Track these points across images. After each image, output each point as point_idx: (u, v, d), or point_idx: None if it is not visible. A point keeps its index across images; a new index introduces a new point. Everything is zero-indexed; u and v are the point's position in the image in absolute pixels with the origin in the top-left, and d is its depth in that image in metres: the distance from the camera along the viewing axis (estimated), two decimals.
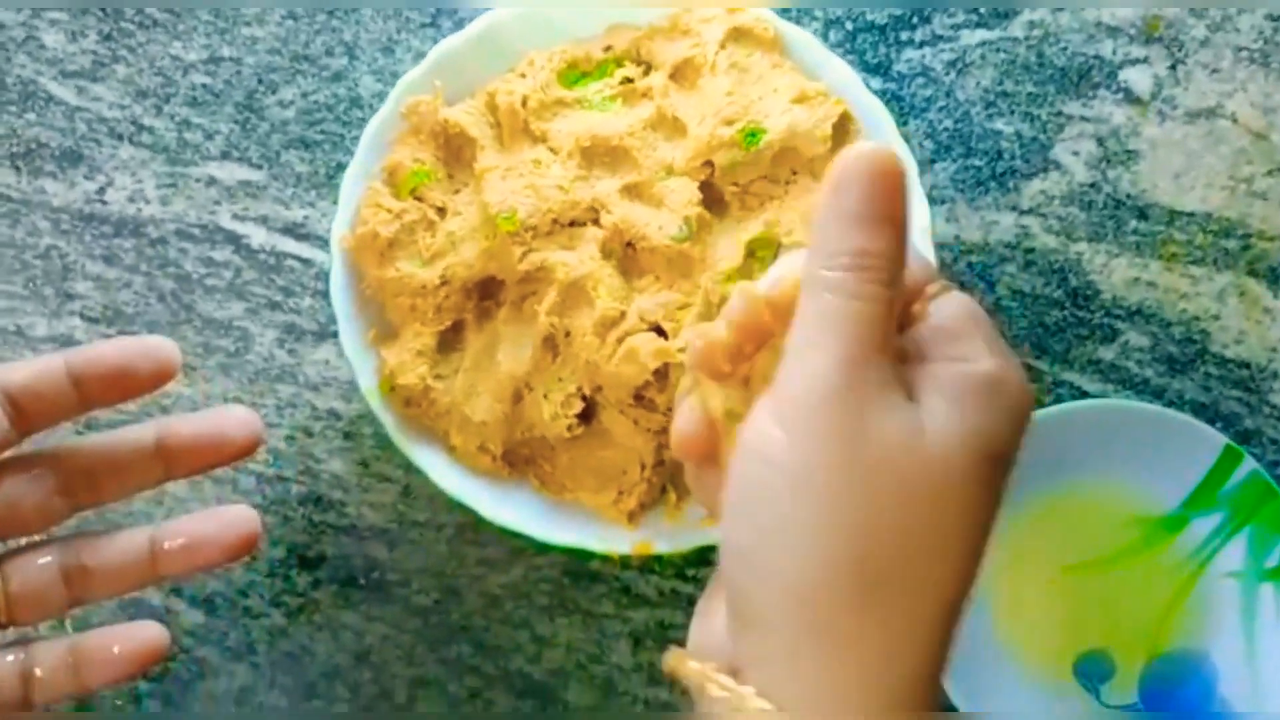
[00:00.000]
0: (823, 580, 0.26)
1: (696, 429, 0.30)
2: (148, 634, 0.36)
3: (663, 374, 0.37)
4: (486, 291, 0.40)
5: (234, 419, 0.37)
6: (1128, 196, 0.46)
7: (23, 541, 0.36)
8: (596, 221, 0.38)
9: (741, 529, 0.27)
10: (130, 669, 0.36)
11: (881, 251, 0.27)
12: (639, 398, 0.38)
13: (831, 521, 0.26)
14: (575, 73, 0.41)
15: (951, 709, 0.42)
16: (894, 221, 0.28)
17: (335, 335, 0.45)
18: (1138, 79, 0.47)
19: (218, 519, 0.37)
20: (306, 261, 0.46)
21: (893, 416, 0.27)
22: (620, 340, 0.37)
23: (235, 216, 0.46)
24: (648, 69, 0.41)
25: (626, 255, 0.39)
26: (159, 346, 0.36)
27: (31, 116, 0.47)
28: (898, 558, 0.26)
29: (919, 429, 0.27)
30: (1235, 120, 0.46)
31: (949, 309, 0.29)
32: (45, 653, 0.35)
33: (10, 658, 0.35)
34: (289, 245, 0.46)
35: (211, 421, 0.37)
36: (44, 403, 0.35)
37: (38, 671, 0.35)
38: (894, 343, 0.28)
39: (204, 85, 0.47)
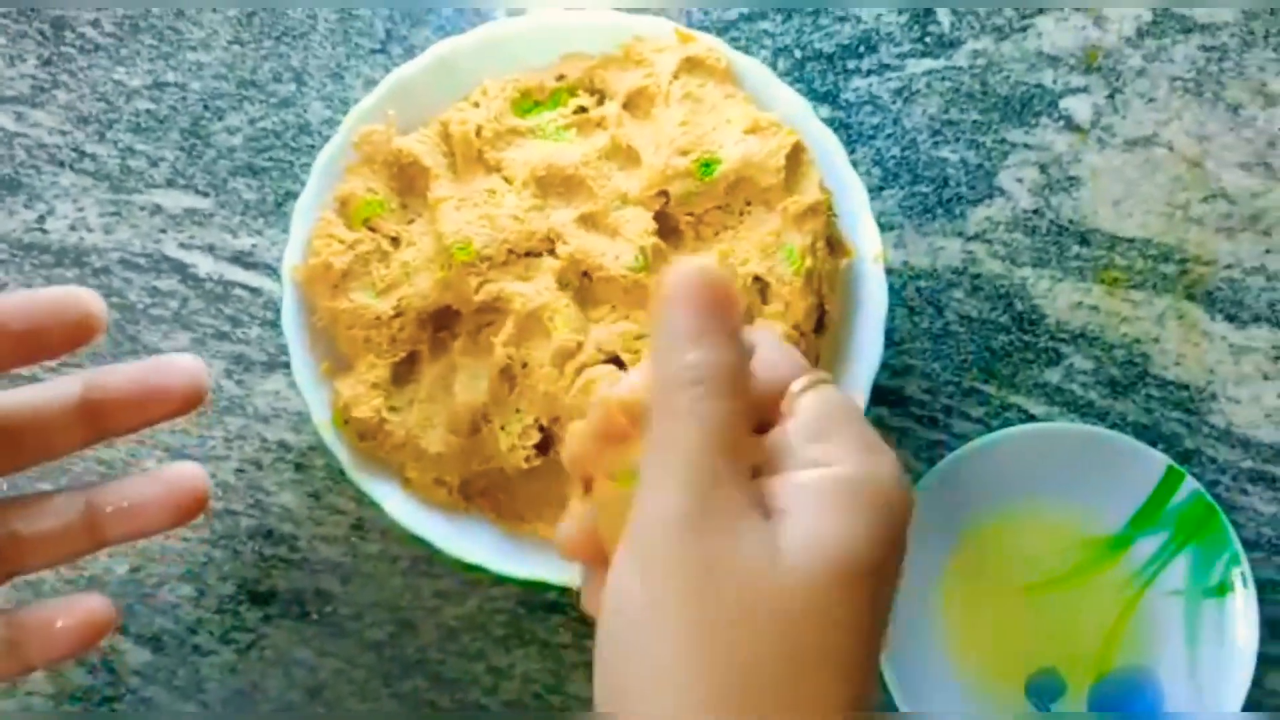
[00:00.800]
0: None
1: (580, 533, 0.29)
2: (90, 605, 0.33)
3: None
4: (441, 322, 0.40)
5: (173, 367, 0.33)
6: (1070, 222, 0.47)
7: None
8: (552, 252, 0.38)
9: (612, 679, 0.26)
10: (74, 645, 0.33)
11: (717, 363, 0.26)
12: None
13: (698, 663, 0.24)
14: (528, 101, 0.41)
15: None
16: (727, 332, 0.27)
17: (285, 366, 0.45)
18: (1078, 107, 0.48)
19: (162, 479, 0.33)
20: (255, 290, 0.45)
21: (746, 540, 0.25)
22: (578, 371, 0.37)
23: (181, 245, 0.46)
24: (601, 98, 0.41)
25: (583, 285, 0.39)
26: (79, 297, 0.32)
27: None
28: (774, 685, 0.24)
29: (775, 549, 0.25)
30: (1171, 148, 0.48)
31: (812, 407, 0.28)
32: None
33: None
34: (237, 274, 0.45)
35: (147, 370, 0.33)
36: None
37: None
38: (749, 455, 0.27)
39: (148, 111, 0.46)
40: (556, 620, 0.44)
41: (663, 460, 0.26)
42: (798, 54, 0.47)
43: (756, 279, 0.38)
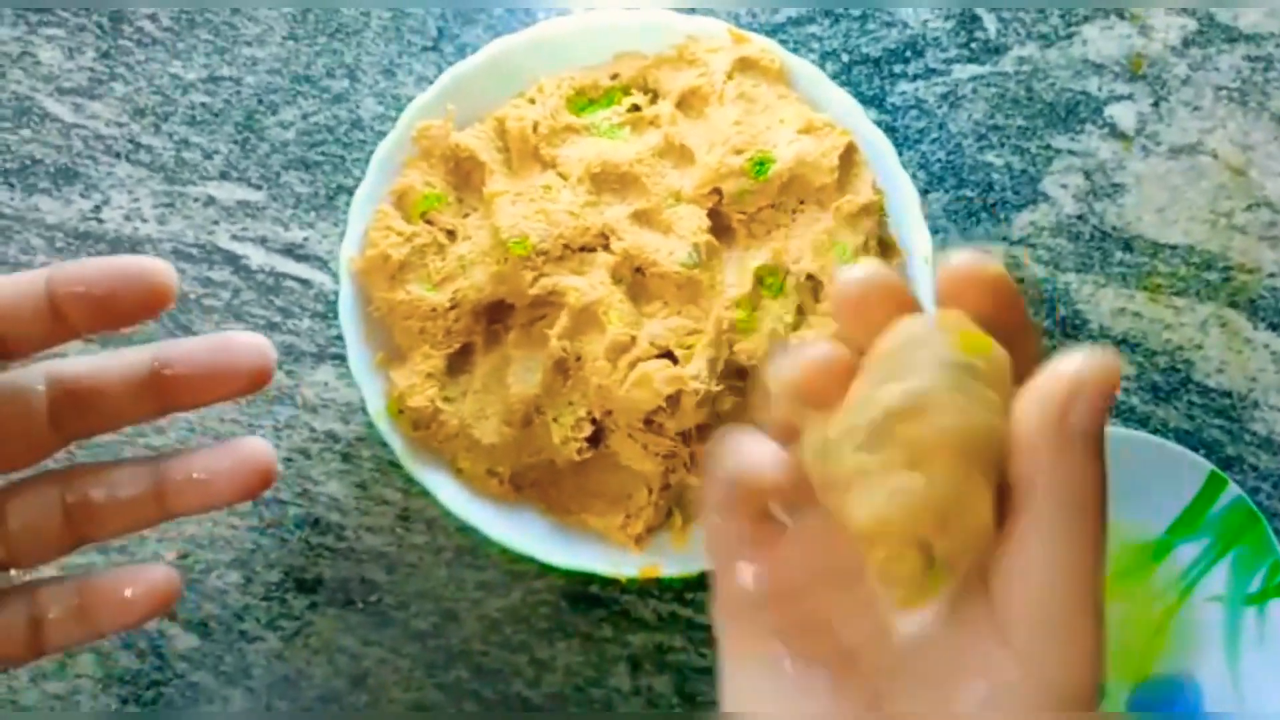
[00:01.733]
0: None
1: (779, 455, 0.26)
2: (158, 575, 0.33)
3: (674, 399, 0.37)
4: (494, 315, 0.40)
5: (242, 345, 0.33)
6: (1114, 229, 0.47)
7: (15, 478, 0.33)
8: (606, 247, 0.39)
9: None
10: (142, 613, 0.33)
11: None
12: (648, 422, 0.38)
13: None
14: (583, 99, 0.42)
15: None
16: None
17: (334, 357, 0.45)
18: (1123, 115, 0.48)
19: (231, 453, 0.33)
20: (305, 282, 0.46)
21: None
22: (631, 365, 0.37)
23: (234, 237, 0.46)
24: (654, 97, 0.42)
25: (636, 281, 0.39)
26: (151, 268, 0.31)
27: (26, 133, 0.46)
28: None
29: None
30: (1215, 156, 0.48)
31: None
32: (53, 597, 0.32)
33: (17, 603, 0.32)
34: (288, 266, 0.46)
35: (216, 346, 0.33)
36: (21, 325, 0.31)
37: (50, 615, 0.32)
38: None
39: (203, 104, 0.47)
40: (599, 614, 0.44)
41: (1075, 591, 0.24)
42: (845, 58, 0.48)
43: (809, 277, 0.39)
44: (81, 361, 0.33)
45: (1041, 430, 0.23)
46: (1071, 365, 0.24)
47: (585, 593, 0.44)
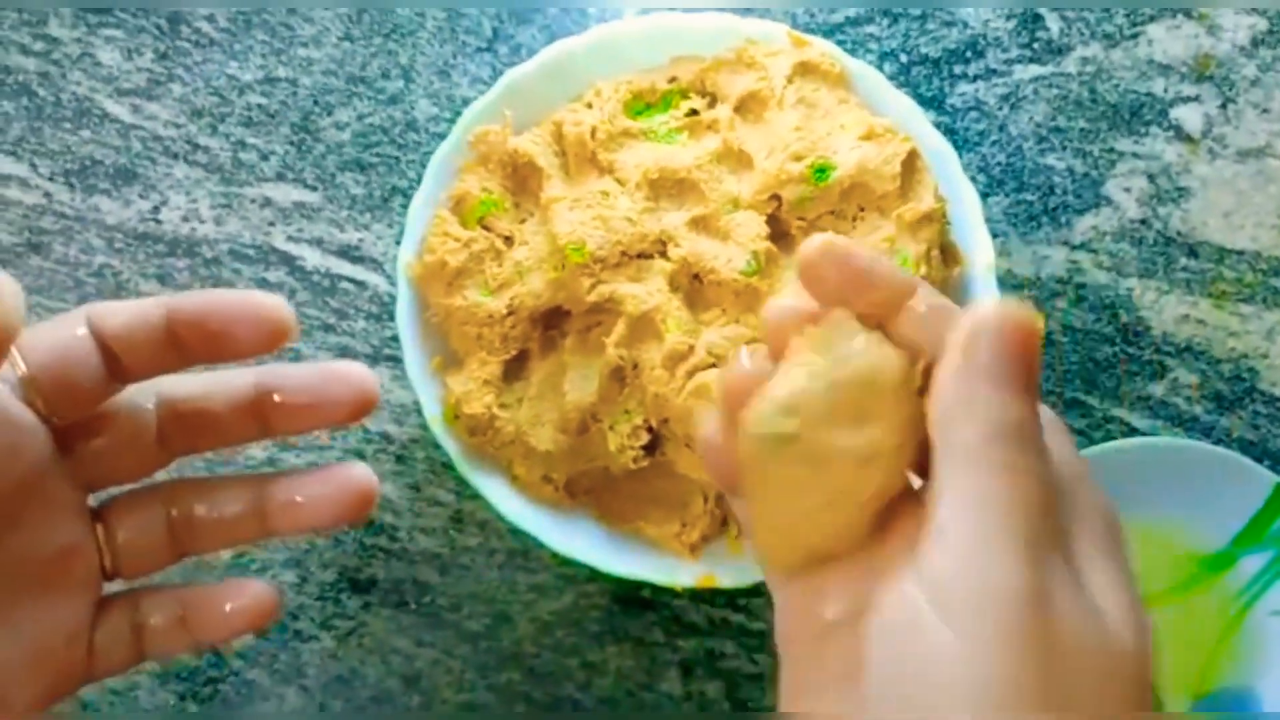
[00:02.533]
0: None
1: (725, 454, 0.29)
2: (257, 591, 0.33)
3: None
4: (551, 321, 0.40)
5: (348, 376, 0.33)
6: (1178, 234, 0.46)
7: (122, 491, 0.34)
8: (664, 254, 0.39)
9: None
10: (240, 627, 0.33)
11: (1036, 418, 0.25)
12: None
13: None
14: (640, 103, 0.41)
15: None
16: (1036, 386, 0.26)
17: (389, 359, 0.45)
18: (1189, 117, 0.47)
19: (334, 479, 0.33)
20: (360, 284, 0.46)
21: (1075, 612, 0.24)
22: (690, 374, 0.37)
23: (289, 238, 0.46)
24: (712, 101, 0.41)
25: (693, 288, 0.39)
26: (270, 307, 0.31)
27: (86, 134, 0.47)
28: None
29: (1104, 630, 0.24)
30: None
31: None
32: (155, 605, 0.33)
33: (122, 610, 0.33)
34: (343, 268, 0.46)
35: (321, 377, 0.33)
36: (139, 353, 0.31)
37: (152, 621, 0.33)
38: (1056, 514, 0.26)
39: (259, 105, 0.47)
40: (650, 618, 0.44)
41: (993, 522, 0.24)
42: (904, 58, 0.47)
43: None
44: (189, 381, 0.33)
45: (948, 369, 0.26)
46: (975, 313, 0.26)
47: (637, 597, 0.44)
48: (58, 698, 0.32)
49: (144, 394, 0.33)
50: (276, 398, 0.33)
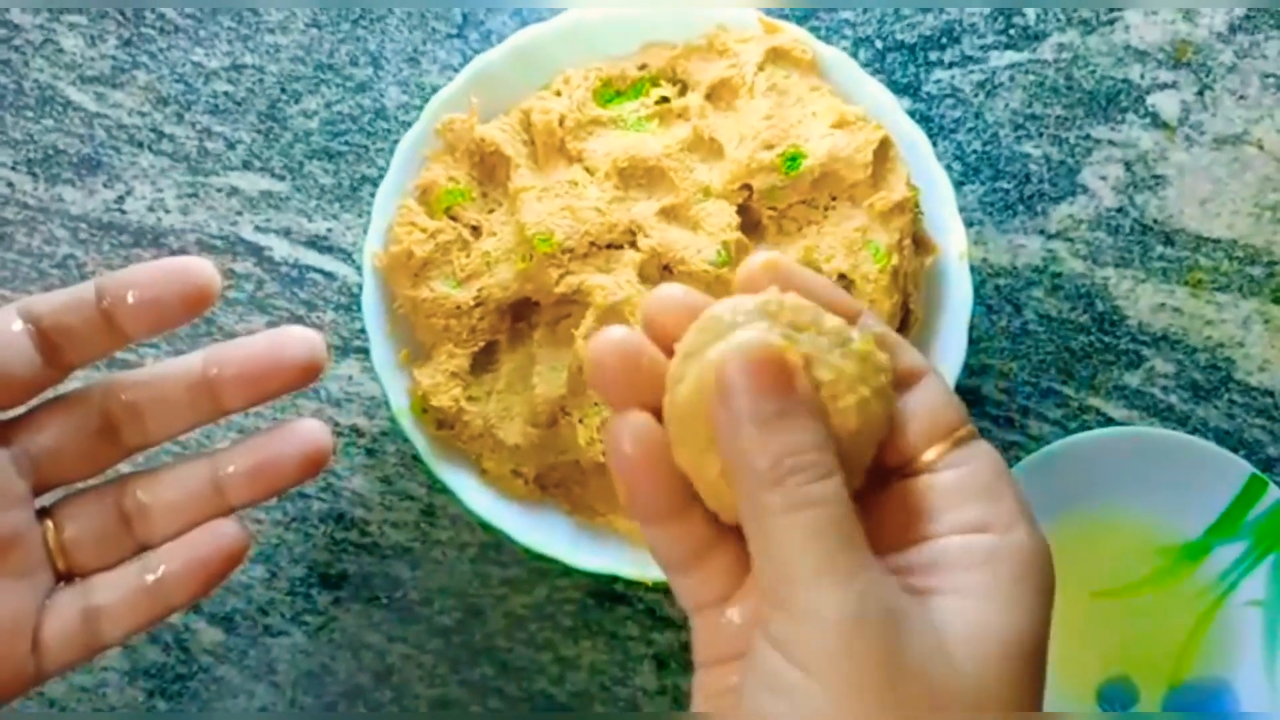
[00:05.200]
0: None
1: (643, 449, 0.27)
2: (224, 532, 0.33)
3: None
4: (519, 313, 0.40)
5: (291, 339, 0.33)
6: (1155, 222, 0.46)
7: (76, 488, 0.34)
8: (634, 244, 0.38)
9: None
10: (212, 576, 0.33)
11: (807, 443, 0.24)
12: None
13: None
14: (610, 91, 0.41)
15: None
16: (801, 403, 0.25)
17: (359, 351, 0.45)
18: (1165, 104, 0.47)
19: (283, 437, 0.33)
20: (329, 275, 0.45)
21: (913, 637, 0.24)
22: None
23: (257, 228, 0.46)
24: (683, 89, 0.41)
25: (664, 279, 0.38)
26: (194, 267, 0.32)
27: (49, 122, 0.46)
28: None
29: (942, 646, 0.24)
30: (1261, 147, 0.46)
31: (972, 461, 0.26)
32: (107, 584, 0.32)
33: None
34: (312, 258, 0.46)
35: (265, 344, 0.33)
36: (75, 336, 0.31)
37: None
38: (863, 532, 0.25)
39: (226, 93, 0.46)
40: (624, 612, 0.44)
41: (789, 568, 0.24)
42: (878, 44, 0.47)
43: (841, 276, 0.38)
44: (134, 374, 0.33)
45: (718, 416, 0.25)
46: (720, 363, 0.25)
47: (610, 591, 0.44)
48: (7, 697, 0.31)
49: (91, 387, 0.33)
50: (221, 372, 0.33)
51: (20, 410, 0.33)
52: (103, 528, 0.33)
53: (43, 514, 0.33)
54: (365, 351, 0.45)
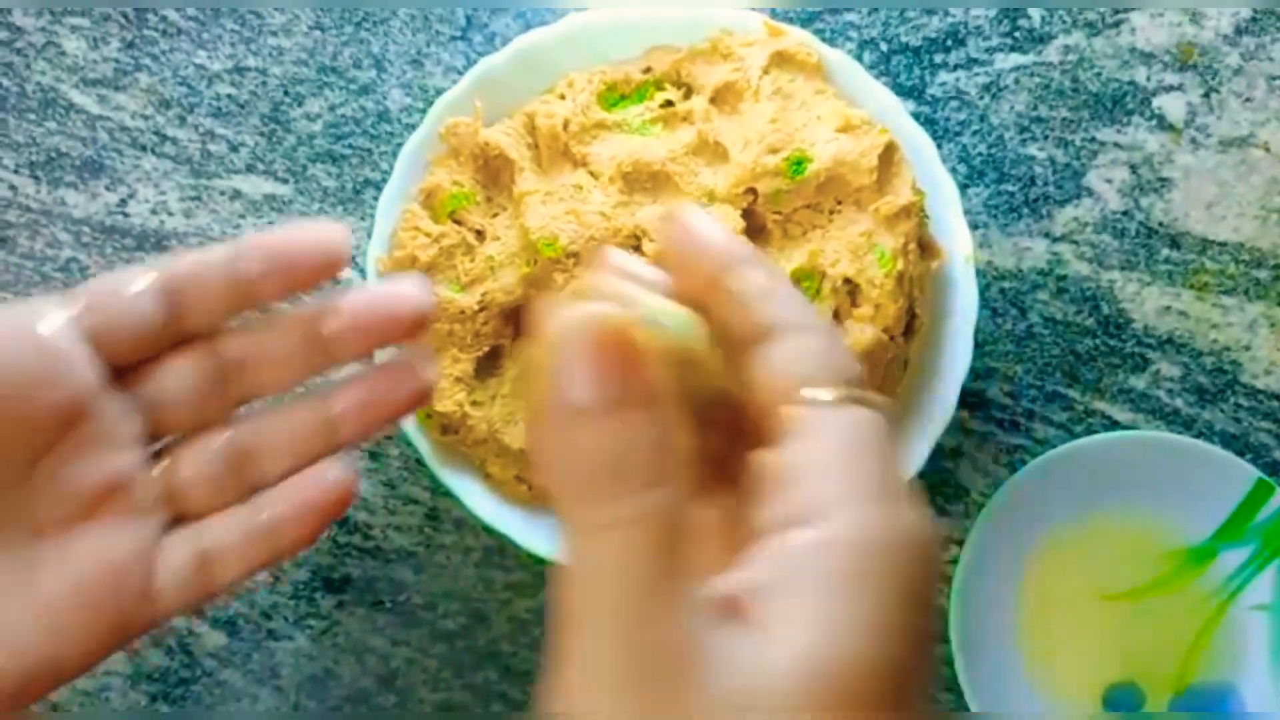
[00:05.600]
0: None
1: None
2: (333, 475, 0.32)
3: None
4: (524, 317, 0.39)
5: (402, 289, 0.32)
6: (1160, 225, 0.46)
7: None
8: (638, 249, 0.38)
9: None
10: (320, 518, 0.32)
11: (638, 446, 0.20)
12: None
13: None
14: (614, 95, 0.41)
15: None
16: (642, 398, 0.21)
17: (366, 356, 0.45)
18: (1171, 106, 0.46)
19: (389, 373, 0.33)
20: (333, 279, 0.45)
21: (710, 689, 0.20)
22: None
23: (260, 231, 0.45)
24: (688, 92, 0.41)
25: None
26: (324, 232, 0.32)
27: (52, 125, 0.46)
28: None
29: (753, 682, 0.20)
30: (1268, 149, 0.46)
31: (822, 430, 0.21)
32: (220, 526, 0.32)
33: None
34: None
35: (373, 296, 0.33)
36: (207, 298, 0.32)
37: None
38: (698, 542, 0.22)
39: (229, 96, 0.46)
40: None
41: (586, 596, 0.21)
42: (884, 47, 0.46)
43: (846, 281, 0.38)
44: (249, 327, 0.33)
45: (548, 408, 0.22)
46: (557, 335, 0.22)
47: None
48: (120, 641, 0.31)
49: (207, 338, 0.33)
50: (340, 319, 0.33)
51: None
52: (214, 470, 0.32)
53: (156, 457, 0.33)
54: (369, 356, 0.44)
